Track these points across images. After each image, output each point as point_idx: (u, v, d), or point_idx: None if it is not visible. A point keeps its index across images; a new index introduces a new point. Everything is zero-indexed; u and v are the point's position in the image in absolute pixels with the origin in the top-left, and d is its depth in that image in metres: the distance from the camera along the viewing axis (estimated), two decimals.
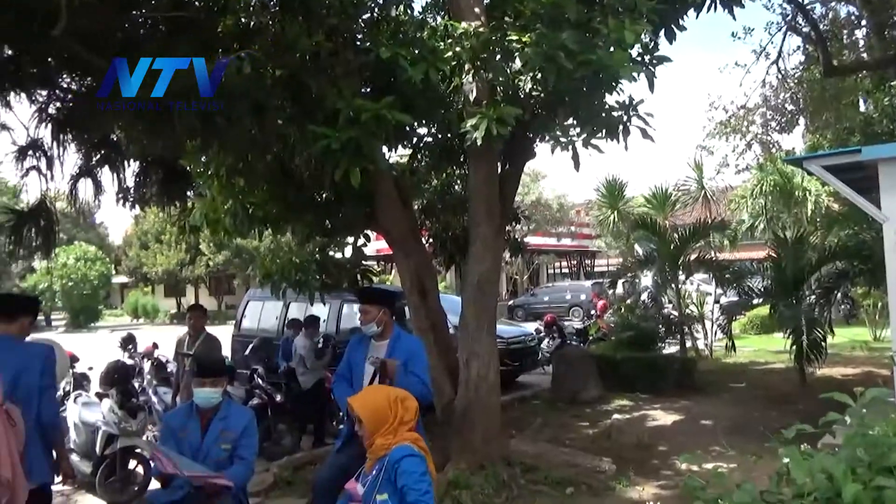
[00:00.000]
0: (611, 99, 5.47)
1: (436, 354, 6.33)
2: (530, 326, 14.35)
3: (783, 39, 15.34)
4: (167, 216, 7.82)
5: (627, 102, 5.50)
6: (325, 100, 4.68)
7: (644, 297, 13.11)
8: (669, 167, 76.42)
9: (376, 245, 14.15)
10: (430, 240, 8.58)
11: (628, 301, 13.49)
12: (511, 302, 29.60)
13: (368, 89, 5.49)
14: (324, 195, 6.68)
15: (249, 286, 27.57)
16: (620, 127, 5.48)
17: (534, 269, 36.89)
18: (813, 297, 10.08)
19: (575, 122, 5.65)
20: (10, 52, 3.52)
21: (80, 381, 7.95)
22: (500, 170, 6.56)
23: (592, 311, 16.63)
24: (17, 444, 2.14)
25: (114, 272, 38.51)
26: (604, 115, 5.45)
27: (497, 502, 5.20)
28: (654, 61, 5.37)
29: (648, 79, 5.27)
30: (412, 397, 3.18)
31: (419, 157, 7.68)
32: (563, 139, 5.40)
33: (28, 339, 3.81)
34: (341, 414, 7.68)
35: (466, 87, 5.94)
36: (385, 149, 6.07)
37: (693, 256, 12.22)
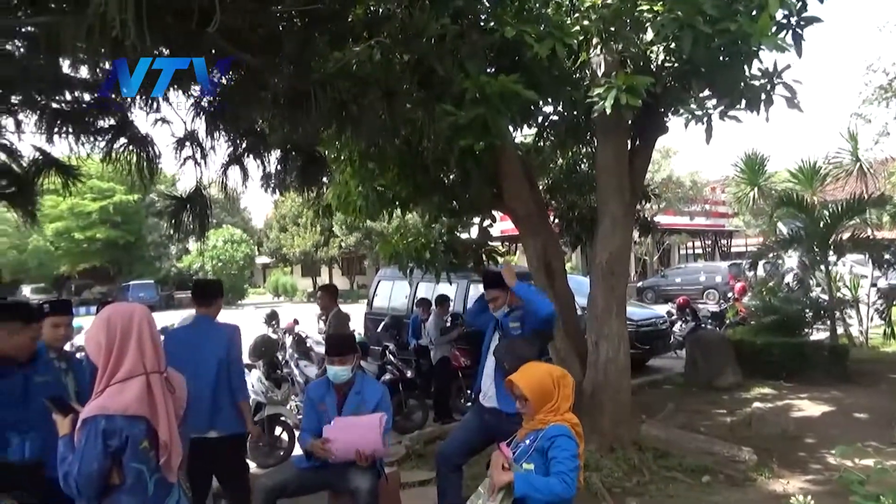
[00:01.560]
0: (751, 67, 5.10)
1: (563, 336, 6.28)
2: (661, 309, 13.82)
3: None
4: (305, 200, 8.28)
5: (771, 70, 5.10)
6: (452, 82, 4.73)
7: (788, 279, 12.21)
8: (817, 139, 70.05)
9: (501, 226, 14.20)
10: (556, 220, 8.49)
11: (770, 283, 12.61)
12: (640, 284, 28.63)
13: (494, 69, 5.48)
14: (451, 176, 6.79)
15: (379, 267, 28.67)
16: (762, 97, 5.11)
17: (664, 250, 35.44)
18: None
19: (711, 93, 5.34)
20: (167, 53, 3.83)
21: None
22: (629, 146, 6.34)
23: (729, 294, 15.72)
24: (176, 409, 2.35)
25: (257, 253, 41.46)
26: (744, 84, 5.09)
27: (628, 486, 5.10)
28: (802, 23, 4.93)
29: (795, 43, 4.86)
30: (569, 374, 3.18)
31: (545, 135, 7.58)
32: (698, 112, 5.13)
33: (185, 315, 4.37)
34: (469, 392, 7.86)
35: (594, 62, 5.78)
36: (511, 128, 6.05)
37: (846, 235, 11.16)
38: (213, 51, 3.75)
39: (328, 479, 3.77)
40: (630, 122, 6.01)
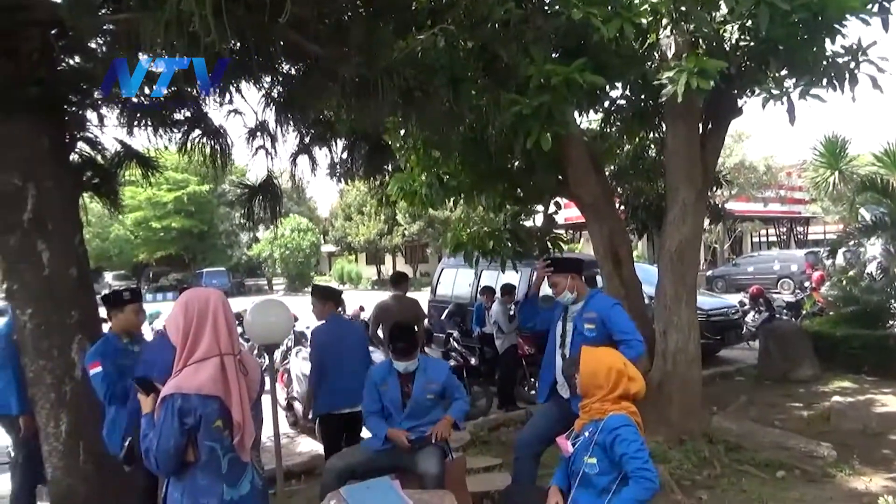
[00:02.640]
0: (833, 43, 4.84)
1: None
2: (732, 298, 13.37)
3: None
4: (369, 189, 8.39)
5: (855, 46, 4.83)
6: (517, 68, 4.68)
7: (871, 268, 11.56)
8: None
9: (564, 213, 13.99)
10: (622, 207, 8.31)
11: (851, 272, 11.98)
12: (710, 272, 27.73)
13: (559, 53, 5.39)
14: (515, 164, 6.74)
15: (441, 255, 28.81)
16: (846, 75, 4.84)
17: (736, 238, 34.20)
18: None
19: (789, 72, 5.09)
20: (238, 45, 3.92)
21: (300, 338, 8.91)
22: (701, 129, 6.13)
23: (806, 283, 15.06)
24: (249, 392, 2.43)
25: (322, 242, 42.36)
26: (826, 63, 4.84)
27: (698, 479, 4.97)
28: None
29: (882, 16, 4.58)
30: (641, 379, 3.14)
31: (611, 120, 7.42)
32: (775, 91, 4.90)
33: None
34: (533, 380, 7.83)
35: (664, 43, 5.61)
36: (576, 114, 5.94)
37: None
38: (282, 42, 3.83)
39: (397, 461, 3.85)
40: (702, 104, 5.81)
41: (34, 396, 4.18)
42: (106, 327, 4.30)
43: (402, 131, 5.83)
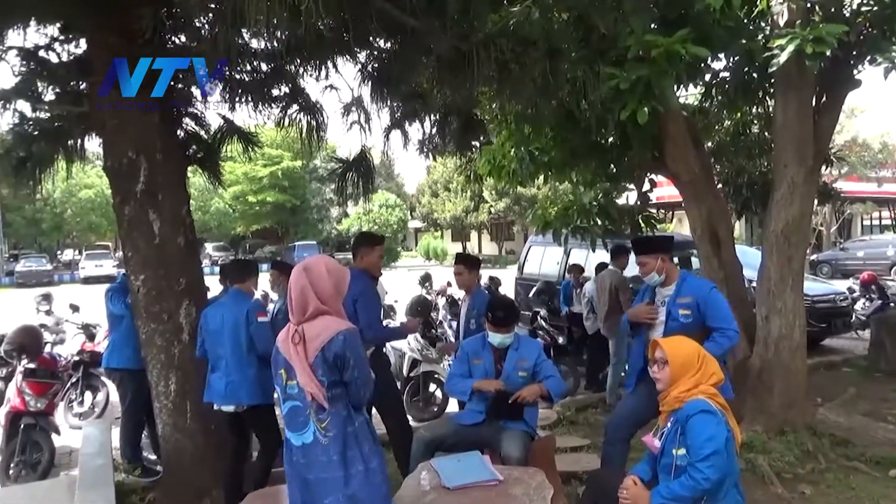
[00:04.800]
0: None
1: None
2: (840, 285, 12.55)
3: None
4: (460, 164, 8.38)
5: None
6: (614, 40, 4.50)
7: None
8: None
9: (655, 192, 13.50)
10: (721, 185, 7.93)
11: None
12: (815, 257, 26.08)
13: (660, 24, 5.14)
14: (609, 139, 6.53)
15: (527, 233, 28.56)
16: None
17: (844, 220, 32.02)
18: None
19: None
20: (332, 23, 3.95)
21: (388, 312, 9.09)
22: (813, 103, 5.72)
23: None
24: (306, 356, 2.61)
25: (409, 218, 42.93)
26: None
27: (800, 472, 4.71)
28: None
29: None
30: (719, 371, 3.03)
31: (712, 94, 7.04)
32: None
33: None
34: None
35: (775, 10, 5.24)
36: (675, 87, 5.67)
37: None
38: (378, 16, 3.83)
39: (483, 437, 3.86)
40: (815, 75, 5.41)
41: (146, 357, 4.48)
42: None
43: (495, 105, 5.74)
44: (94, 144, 5.56)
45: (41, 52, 4.77)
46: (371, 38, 4.25)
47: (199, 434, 4.44)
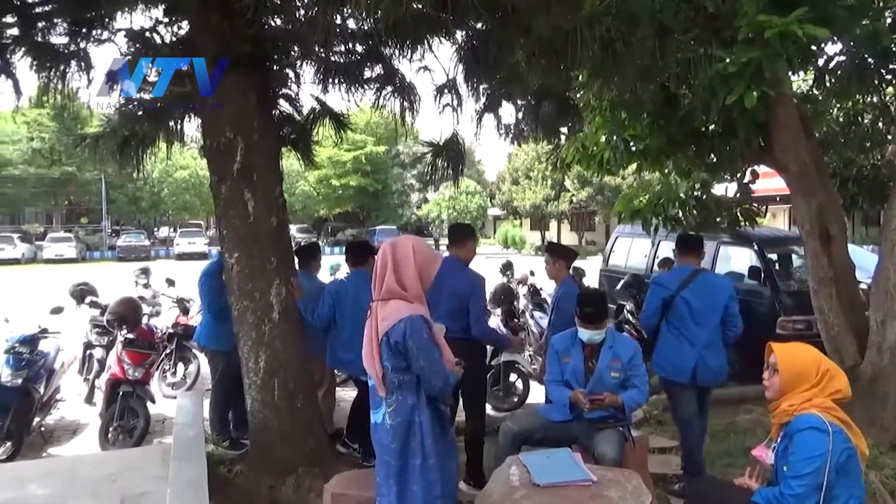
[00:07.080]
0: None
1: (838, 309, 5.49)
2: None
3: None
4: (545, 152, 8.16)
5: None
6: (724, 20, 4.20)
7: None
8: None
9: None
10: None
11: None
12: None
13: (773, 3, 4.78)
14: (710, 126, 6.18)
15: (610, 224, 27.83)
16: None
17: None
18: None
19: None
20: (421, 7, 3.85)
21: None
22: None
23: None
24: (375, 339, 2.64)
25: (489, 205, 42.75)
26: None
27: None
28: None
29: None
30: (842, 377, 2.76)
31: (825, 80, 6.53)
32: None
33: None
34: None
35: None
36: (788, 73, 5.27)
37: None
38: None
39: (575, 435, 3.71)
40: None
41: (238, 333, 4.57)
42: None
43: (596, 87, 5.50)
44: (191, 127, 5.73)
45: (146, 34, 4.92)
46: (468, 18, 4.12)
47: (286, 412, 4.50)
